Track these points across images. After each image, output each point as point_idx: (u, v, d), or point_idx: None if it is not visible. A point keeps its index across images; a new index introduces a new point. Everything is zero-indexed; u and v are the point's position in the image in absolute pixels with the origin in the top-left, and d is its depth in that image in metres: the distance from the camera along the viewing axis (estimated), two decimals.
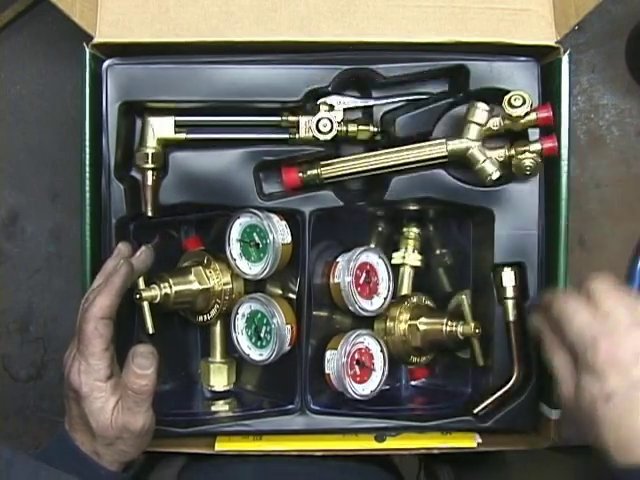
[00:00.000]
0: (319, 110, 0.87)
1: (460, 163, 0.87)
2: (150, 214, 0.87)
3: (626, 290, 0.72)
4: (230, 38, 0.85)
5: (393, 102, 0.90)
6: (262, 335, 0.89)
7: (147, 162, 0.86)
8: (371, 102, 0.90)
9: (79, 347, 0.75)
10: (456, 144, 0.85)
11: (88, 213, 0.85)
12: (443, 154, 0.86)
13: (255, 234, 0.88)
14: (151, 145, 0.87)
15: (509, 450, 0.90)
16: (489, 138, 0.87)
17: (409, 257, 0.96)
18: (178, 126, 0.88)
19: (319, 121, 0.87)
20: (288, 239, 0.89)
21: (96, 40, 0.84)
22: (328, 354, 0.91)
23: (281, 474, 0.90)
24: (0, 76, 1.03)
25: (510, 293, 0.89)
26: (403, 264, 0.97)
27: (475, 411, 0.89)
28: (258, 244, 0.88)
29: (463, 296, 0.91)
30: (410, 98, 0.90)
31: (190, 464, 0.93)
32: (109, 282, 0.77)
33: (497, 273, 0.89)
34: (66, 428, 0.77)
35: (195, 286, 0.89)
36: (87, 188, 0.85)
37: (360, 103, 0.90)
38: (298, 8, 0.85)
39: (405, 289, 0.97)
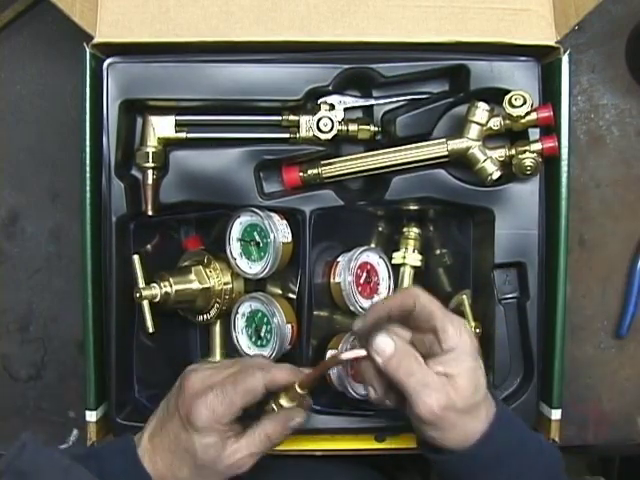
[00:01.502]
0: (320, 109, 0.88)
1: (460, 163, 0.87)
2: (150, 213, 0.88)
3: None
4: (230, 38, 0.85)
5: (393, 102, 0.90)
6: (262, 334, 0.90)
7: (147, 161, 0.87)
8: (372, 101, 0.90)
9: (226, 388, 0.74)
10: (457, 144, 0.86)
11: (88, 213, 0.85)
12: (443, 154, 0.86)
13: (256, 233, 0.88)
14: (152, 144, 0.88)
15: None
16: (489, 138, 0.87)
17: (409, 257, 0.96)
18: (179, 125, 0.88)
19: (320, 120, 0.87)
20: (289, 238, 0.89)
21: (96, 40, 0.84)
22: (328, 354, 0.91)
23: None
24: (0, 76, 1.03)
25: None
26: (403, 264, 0.97)
27: None
28: (258, 243, 0.88)
29: (463, 296, 0.91)
30: (410, 98, 0.90)
31: None
32: (297, 371, 0.77)
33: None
34: (139, 450, 0.76)
35: (195, 285, 0.89)
36: (87, 188, 0.85)
37: (361, 102, 0.90)
38: (298, 8, 0.86)
39: None
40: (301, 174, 0.89)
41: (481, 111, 0.84)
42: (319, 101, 0.89)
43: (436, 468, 0.76)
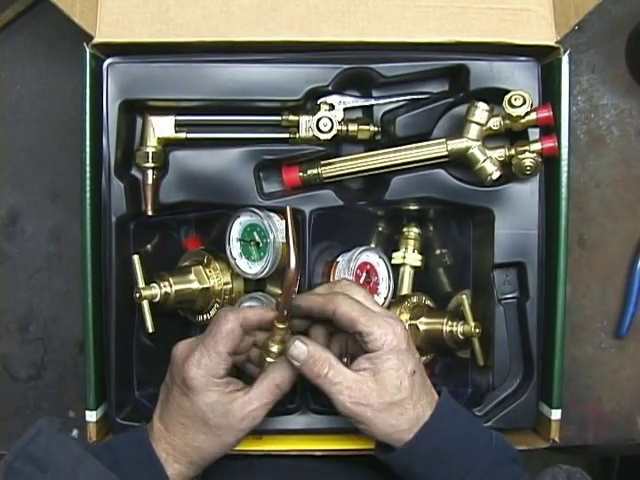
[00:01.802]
0: (319, 109, 0.88)
1: (460, 163, 0.87)
2: (150, 213, 0.88)
3: None
4: (230, 38, 0.85)
5: (393, 102, 0.90)
6: None
7: (147, 161, 0.87)
8: (371, 101, 0.90)
9: (205, 340, 0.76)
10: (456, 144, 0.86)
11: (88, 212, 0.85)
12: (443, 154, 0.86)
13: (255, 233, 0.88)
14: (151, 144, 0.88)
15: None
16: (489, 138, 0.87)
17: (409, 257, 0.96)
18: (179, 125, 0.88)
19: (319, 120, 0.87)
20: None
21: (96, 40, 0.84)
22: None
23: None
24: (0, 76, 1.03)
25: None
26: (403, 264, 0.97)
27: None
28: (258, 243, 0.88)
29: (463, 296, 0.91)
30: (410, 98, 0.90)
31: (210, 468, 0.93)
32: (269, 308, 0.80)
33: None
34: (150, 435, 0.77)
35: (195, 285, 0.89)
36: (87, 188, 0.85)
37: (360, 102, 0.90)
38: (298, 8, 0.85)
39: (405, 289, 0.97)
40: (301, 174, 0.89)
41: (481, 111, 0.84)
42: (319, 101, 0.89)
43: (392, 467, 0.79)
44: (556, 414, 0.88)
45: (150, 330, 0.83)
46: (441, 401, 0.77)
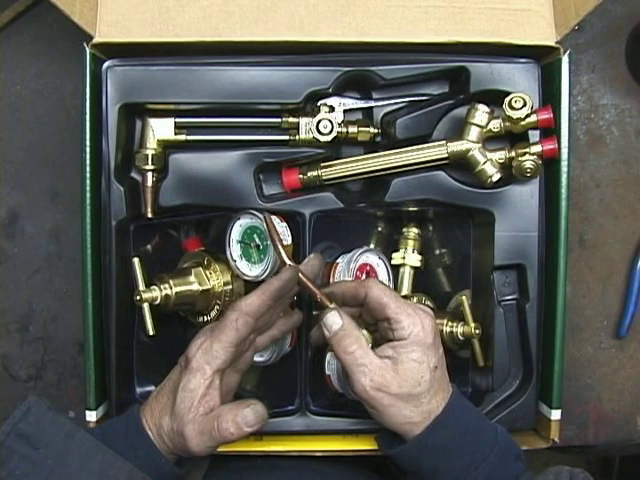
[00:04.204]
0: (319, 111, 0.88)
1: (460, 165, 0.87)
2: (150, 215, 0.87)
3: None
4: (230, 38, 0.85)
5: (393, 103, 0.90)
6: None
7: (147, 163, 0.87)
8: (371, 103, 0.90)
9: (213, 328, 0.77)
10: (457, 146, 0.85)
11: (88, 213, 0.85)
12: (443, 156, 0.86)
13: (255, 235, 0.88)
14: (151, 146, 0.87)
15: None
16: (489, 140, 0.87)
17: (409, 257, 0.96)
18: (178, 127, 0.88)
19: (319, 122, 0.87)
20: (288, 240, 0.89)
21: (96, 40, 0.84)
22: (328, 355, 0.91)
23: None
24: (0, 76, 1.03)
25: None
26: (403, 264, 0.97)
27: None
28: (259, 245, 0.88)
29: (463, 297, 0.91)
30: (410, 99, 0.90)
31: (215, 466, 0.93)
32: (267, 283, 0.78)
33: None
34: (139, 408, 0.78)
35: (195, 287, 0.89)
36: (87, 188, 0.85)
37: (360, 104, 0.90)
38: (298, 8, 0.85)
39: (405, 289, 0.97)
40: (301, 176, 0.89)
41: (481, 113, 0.84)
42: (319, 103, 0.89)
43: (396, 463, 0.80)
44: (556, 414, 0.89)
45: (151, 332, 0.83)
46: (452, 396, 0.78)
